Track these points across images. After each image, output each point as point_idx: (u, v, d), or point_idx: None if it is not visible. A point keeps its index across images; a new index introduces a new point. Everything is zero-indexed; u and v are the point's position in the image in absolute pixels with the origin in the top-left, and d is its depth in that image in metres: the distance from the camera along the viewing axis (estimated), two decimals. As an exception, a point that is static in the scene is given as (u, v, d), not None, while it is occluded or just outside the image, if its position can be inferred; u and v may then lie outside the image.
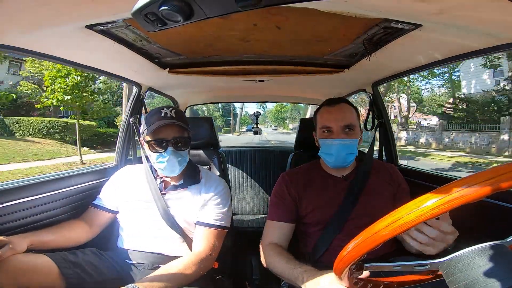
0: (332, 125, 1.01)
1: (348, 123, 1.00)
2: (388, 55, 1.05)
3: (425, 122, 22.73)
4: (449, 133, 15.49)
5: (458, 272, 0.43)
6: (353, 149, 1.01)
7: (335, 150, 1.00)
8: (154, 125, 0.98)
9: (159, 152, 1.01)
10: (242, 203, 2.40)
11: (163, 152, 1.00)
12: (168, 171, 1.03)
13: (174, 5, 0.40)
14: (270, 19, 0.85)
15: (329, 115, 1.03)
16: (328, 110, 1.04)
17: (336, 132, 1.00)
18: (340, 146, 0.99)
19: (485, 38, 0.77)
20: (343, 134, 0.99)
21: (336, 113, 1.02)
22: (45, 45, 0.88)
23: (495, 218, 0.92)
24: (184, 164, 1.06)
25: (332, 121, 1.01)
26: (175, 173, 1.04)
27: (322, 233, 0.98)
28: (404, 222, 0.42)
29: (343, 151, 0.99)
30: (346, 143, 0.99)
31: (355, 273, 0.52)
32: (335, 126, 1.00)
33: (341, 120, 1.00)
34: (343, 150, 0.99)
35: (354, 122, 1.01)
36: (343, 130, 1.00)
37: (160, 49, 1.09)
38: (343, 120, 1.00)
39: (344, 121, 1.00)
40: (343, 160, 1.00)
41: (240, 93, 2.19)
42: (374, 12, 0.74)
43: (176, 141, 1.02)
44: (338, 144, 0.99)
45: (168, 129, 1.01)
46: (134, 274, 1.01)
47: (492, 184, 0.38)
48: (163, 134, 1.00)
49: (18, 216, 0.93)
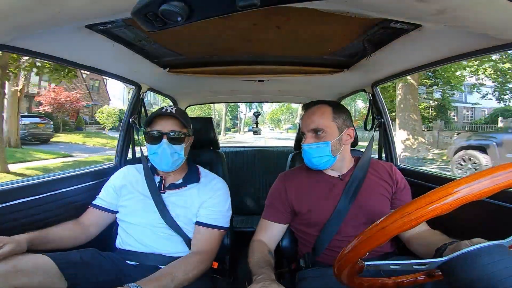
0: (303, 130, 1.04)
1: (314, 127, 1.00)
2: (388, 55, 1.05)
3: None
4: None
5: (459, 272, 0.43)
6: (321, 152, 1.00)
7: (304, 155, 1.03)
8: (151, 115, 1.02)
9: (153, 144, 1.02)
10: (241, 203, 2.39)
11: (157, 143, 1.01)
12: (161, 164, 1.03)
13: (174, 5, 0.40)
14: (270, 19, 0.85)
15: (302, 120, 1.07)
16: (303, 115, 1.08)
17: (307, 137, 1.02)
18: (306, 151, 1.02)
19: (485, 38, 0.77)
20: (312, 138, 1.01)
21: (306, 118, 1.04)
22: (45, 45, 0.88)
23: (495, 218, 0.92)
24: (178, 160, 1.06)
25: (303, 127, 1.05)
26: (168, 167, 1.04)
27: (320, 233, 0.99)
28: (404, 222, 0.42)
29: (309, 155, 1.01)
30: (309, 147, 1.01)
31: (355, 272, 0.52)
32: (305, 131, 1.03)
33: (308, 124, 1.02)
34: (308, 154, 1.01)
35: (322, 125, 1.00)
36: (313, 134, 1.01)
37: (160, 49, 1.09)
38: (310, 125, 1.02)
39: (311, 125, 1.01)
40: (312, 164, 1.02)
41: (240, 93, 2.18)
42: (374, 12, 0.74)
43: (171, 134, 1.03)
44: (304, 148, 1.03)
45: (165, 122, 1.02)
46: (133, 274, 1.00)
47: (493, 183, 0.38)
48: (159, 126, 1.02)
49: (18, 216, 0.93)
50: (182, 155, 1.07)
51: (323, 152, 1.00)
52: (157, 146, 1.02)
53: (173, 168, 1.06)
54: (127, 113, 1.49)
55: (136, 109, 1.51)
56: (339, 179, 1.05)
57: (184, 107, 2.32)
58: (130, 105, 1.51)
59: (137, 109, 1.51)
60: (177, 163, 1.06)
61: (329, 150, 0.99)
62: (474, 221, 0.98)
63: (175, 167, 1.06)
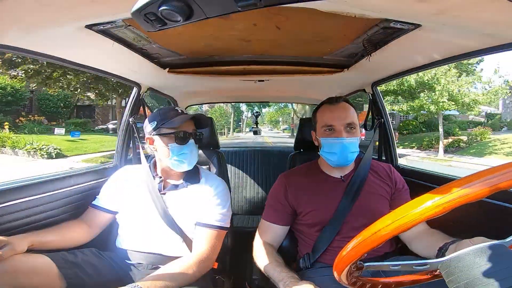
0: (334, 124, 1.00)
1: (350, 122, 1.00)
2: (388, 55, 1.05)
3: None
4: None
5: (459, 272, 0.43)
6: (356, 147, 1.01)
7: (338, 149, 0.99)
8: (180, 118, 1.04)
9: (182, 144, 1.04)
10: (241, 203, 2.40)
11: (185, 145, 1.04)
12: (188, 163, 1.06)
13: (174, 5, 0.40)
14: (270, 19, 0.85)
15: (331, 113, 1.02)
16: (330, 109, 1.04)
17: (339, 131, 1.00)
18: (344, 144, 0.99)
19: (485, 38, 0.77)
20: (345, 133, 0.99)
21: (338, 111, 1.02)
22: (45, 45, 0.88)
23: (495, 218, 0.92)
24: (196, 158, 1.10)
25: (334, 120, 1.01)
26: (191, 166, 1.08)
27: (321, 233, 0.99)
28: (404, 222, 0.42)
29: (347, 150, 0.99)
30: (349, 141, 0.99)
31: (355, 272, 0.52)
32: (338, 124, 1.00)
33: (343, 118, 1.00)
34: (346, 148, 0.99)
35: (356, 121, 1.02)
36: (345, 129, 1.00)
37: (159, 49, 1.09)
38: (346, 119, 1.00)
39: (347, 120, 1.00)
40: (346, 158, 1.00)
41: (240, 93, 2.19)
42: (374, 12, 0.74)
43: (196, 135, 1.09)
44: (342, 143, 0.99)
45: (187, 124, 1.07)
46: (133, 274, 1.01)
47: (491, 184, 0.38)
48: (184, 127, 1.05)
49: (18, 216, 0.93)
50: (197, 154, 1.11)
51: (356, 147, 1.01)
52: (186, 147, 1.04)
53: (191, 167, 1.09)
54: (127, 113, 1.49)
55: (136, 109, 1.51)
56: (341, 179, 1.05)
57: (184, 107, 2.32)
58: (130, 105, 1.51)
59: (137, 109, 1.51)
60: (196, 162, 1.10)
61: (358, 147, 1.02)
62: (474, 221, 0.98)
63: (193, 165, 1.10)
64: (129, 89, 2.40)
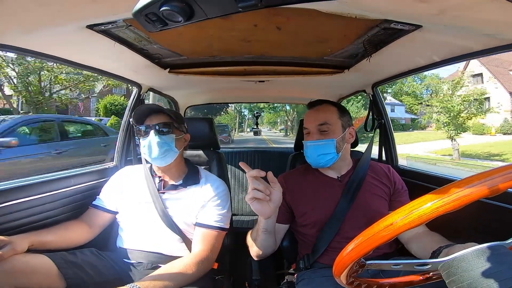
0: (308, 126, 1.04)
1: (321, 122, 1.01)
2: (388, 56, 1.05)
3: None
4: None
5: (462, 272, 0.43)
6: (327, 149, 1.00)
7: (309, 152, 1.03)
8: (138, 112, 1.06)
9: (143, 138, 1.05)
10: (241, 203, 2.39)
11: (146, 136, 1.04)
12: (151, 155, 1.03)
13: (175, 6, 0.40)
14: (270, 19, 0.85)
15: (307, 117, 1.06)
16: (308, 112, 1.08)
17: (312, 133, 1.02)
18: (312, 147, 1.01)
19: (485, 39, 0.77)
20: (317, 135, 1.01)
21: (312, 114, 1.05)
22: (45, 45, 0.88)
23: (495, 219, 0.92)
24: (169, 151, 1.05)
25: (308, 122, 1.04)
26: (159, 159, 1.04)
27: (320, 234, 0.98)
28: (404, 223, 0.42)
29: (315, 153, 1.01)
30: (317, 144, 1.00)
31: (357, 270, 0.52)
32: (311, 126, 1.03)
33: (315, 120, 1.02)
34: (314, 151, 1.01)
35: (330, 121, 1.01)
36: (318, 131, 1.01)
37: (160, 49, 1.09)
38: (317, 120, 1.02)
39: (318, 120, 1.01)
40: (316, 161, 1.02)
41: (240, 93, 2.19)
42: (374, 13, 0.74)
43: (158, 126, 1.05)
44: (309, 145, 1.02)
45: (154, 117, 1.06)
46: (133, 274, 1.00)
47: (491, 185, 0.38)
48: (148, 121, 1.06)
49: (18, 216, 0.93)
50: (173, 147, 1.06)
51: (328, 149, 1.00)
52: (146, 139, 1.04)
53: (166, 160, 1.05)
54: (128, 113, 1.50)
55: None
56: (338, 180, 1.05)
57: (184, 107, 2.32)
58: (131, 105, 1.52)
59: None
60: (168, 155, 1.05)
61: (334, 147, 1.00)
62: (474, 221, 0.97)
63: (168, 159, 1.05)
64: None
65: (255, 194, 0.73)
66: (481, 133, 18.38)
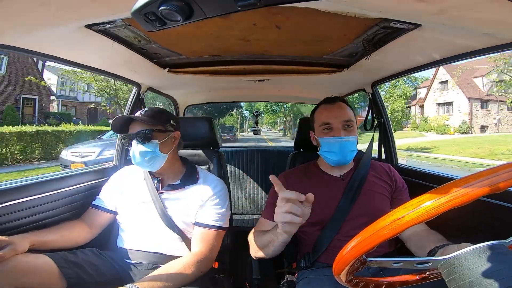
0: (332, 122, 1.01)
1: (348, 119, 1.01)
2: (388, 55, 1.05)
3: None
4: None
5: (463, 270, 0.43)
6: (354, 146, 1.02)
7: (337, 148, 1.00)
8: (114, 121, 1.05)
9: (129, 147, 1.07)
10: (241, 202, 2.40)
11: (130, 147, 1.05)
12: (138, 163, 1.05)
13: (174, 5, 0.40)
14: (270, 18, 0.85)
15: (328, 112, 1.04)
16: (327, 108, 1.05)
17: (337, 129, 1.00)
18: (342, 143, 0.99)
19: (485, 38, 0.76)
20: (343, 131, 1.00)
21: (336, 110, 1.03)
22: (44, 45, 0.88)
23: (495, 218, 0.92)
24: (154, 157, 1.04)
25: (331, 118, 1.02)
26: (146, 166, 1.05)
27: (321, 233, 0.98)
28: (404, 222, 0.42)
29: (345, 149, 1.00)
30: (347, 140, 1.00)
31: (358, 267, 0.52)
32: (335, 122, 1.01)
33: (341, 116, 1.01)
34: (345, 147, 1.00)
35: (353, 119, 1.03)
36: (343, 127, 1.01)
37: (159, 48, 1.09)
38: (343, 116, 1.01)
39: (344, 117, 1.01)
40: (345, 157, 1.01)
41: (239, 92, 2.18)
42: (374, 12, 0.74)
43: (137, 135, 1.03)
44: (341, 141, 1.00)
45: (134, 126, 1.05)
46: (133, 274, 1.01)
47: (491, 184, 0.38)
48: (130, 130, 1.06)
49: (19, 216, 0.93)
50: (157, 152, 1.04)
51: (354, 146, 1.01)
52: (131, 148, 1.05)
53: (154, 166, 1.05)
54: (127, 113, 1.49)
55: (136, 109, 1.51)
56: (340, 178, 1.05)
57: (183, 106, 2.32)
58: (130, 104, 1.51)
59: (137, 109, 1.51)
60: (155, 160, 1.04)
61: (356, 145, 1.02)
62: (474, 221, 0.98)
63: (156, 165, 1.05)
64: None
65: (292, 219, 0.67)
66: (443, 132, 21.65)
